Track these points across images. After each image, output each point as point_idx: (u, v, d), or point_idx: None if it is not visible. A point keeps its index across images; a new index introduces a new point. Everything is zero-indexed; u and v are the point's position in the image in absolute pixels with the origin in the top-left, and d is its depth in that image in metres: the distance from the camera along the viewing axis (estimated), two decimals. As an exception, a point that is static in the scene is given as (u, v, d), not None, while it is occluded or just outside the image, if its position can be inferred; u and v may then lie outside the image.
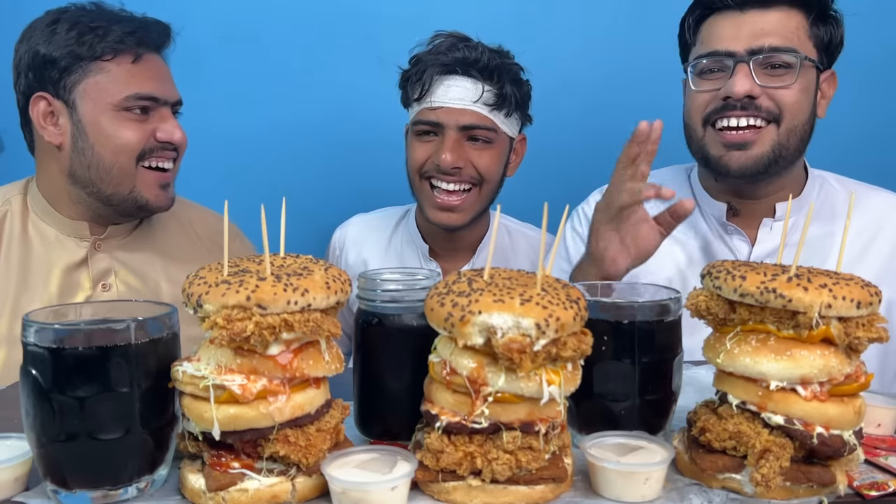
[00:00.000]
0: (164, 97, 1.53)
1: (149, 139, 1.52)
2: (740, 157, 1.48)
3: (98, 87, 1.48)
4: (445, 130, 1.67)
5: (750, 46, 1.45)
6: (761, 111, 1.46)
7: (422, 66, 1.67)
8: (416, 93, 1.68)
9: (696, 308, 0.92)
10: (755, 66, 1.46)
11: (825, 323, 0.83)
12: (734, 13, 1.48)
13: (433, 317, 0.83)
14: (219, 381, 0.80)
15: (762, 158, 1.48)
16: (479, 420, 0.82)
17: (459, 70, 1.64)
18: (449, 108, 1.65)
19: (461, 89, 1.65)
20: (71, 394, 0.79)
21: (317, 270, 0.84)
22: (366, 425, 1.02)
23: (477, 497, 0.83)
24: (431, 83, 1.65)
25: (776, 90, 1.46)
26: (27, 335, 0.81)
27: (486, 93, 1.65)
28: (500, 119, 1.69)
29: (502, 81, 1.66)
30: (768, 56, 1.45)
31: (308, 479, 0.84)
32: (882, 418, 1.03)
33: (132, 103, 1.49)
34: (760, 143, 1.48)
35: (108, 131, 1.49)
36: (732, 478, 0.87)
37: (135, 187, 1.52)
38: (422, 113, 1.69)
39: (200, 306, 0.80)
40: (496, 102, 1.66)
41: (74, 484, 0.82)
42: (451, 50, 1.65)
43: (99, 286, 1.57)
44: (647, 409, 0.98)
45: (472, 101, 1.65)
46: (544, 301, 0.80)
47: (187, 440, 0.85)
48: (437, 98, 1.66)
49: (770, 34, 1.46)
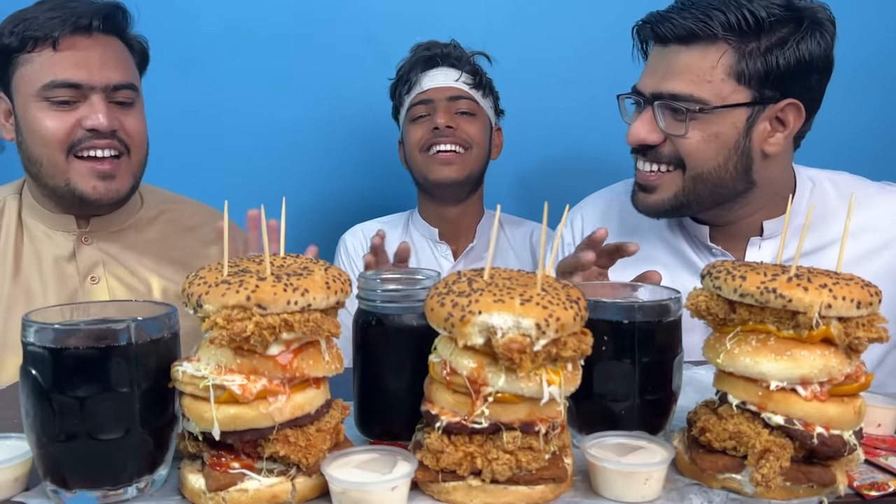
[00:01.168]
0: (87, 83, 1.46)
1: (75, 129, 1.46)
2: (645, 198, 1.46)
3: (24, 79, 1.47)
4: (436, 103, 1.90)
5: (654, 89, 1.39)
6: (662, 157, 1.41)
7: (408, 66, 1.93)
8: (407, 87, 1.93)
9: (696, 308, 0.92)
10: (661, 109, 1.38)
11: (825, 323, 0.83)
12: (659, 48, 1.41)
13: (433, 317, 0.83)
14: (219, 381, 0.80)
15: (665, 203, 1.44)
16: (479, 420, 0.82)
17: (440, 61, 1.91)
18: (436, 87, 1.90)
19: (443, 75, 1.90)
20: (71, 394, 0.79)
21: (317, 270, 0.84)
22: (366, 425, 1.02)
23: (477, 497, 0.83)
24: (418, 76, 1.92)
25: (677, 138, 1.38)
26: (27, 335, 0.81)
27: (464, 75, 1.91)
28: (479, 97, 1.93)
29: (475, 68, 1.94)
30: (667, 103, 1.37)
31: (308, 480, 0.84)
32: (882, 418, 1.03)
33: (50, 92, 1.45)
34: (663, 189, 1.43)
35: (33, 123, 1.47)
36: (732, 478, 0.87)
37: (69, 180, 1.48)
38: (414, 98, 1.92)
39: (200, 306, 0.80)
40: (474, 82, 1.92)
41: (74, 484, 0.82)
42: (429, 47, 1.92)
43: (88, 279, 1.57)
44: (647, 409, 0.98)
45: (455, 81, 1.91)
46: (544, 301, 0.80)
47: (187, 440, 0.85)
48: (425, 84, 1.91)
49: (676, 77, 1.36)
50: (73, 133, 1.46)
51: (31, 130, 1.47)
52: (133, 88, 1.54)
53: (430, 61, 1.91)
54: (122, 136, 1.50)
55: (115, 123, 1.48)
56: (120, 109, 1.52)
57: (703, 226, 1.53)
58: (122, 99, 1.51)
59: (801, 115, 1.39)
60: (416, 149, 1.91)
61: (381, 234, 1.40)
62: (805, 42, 1.34)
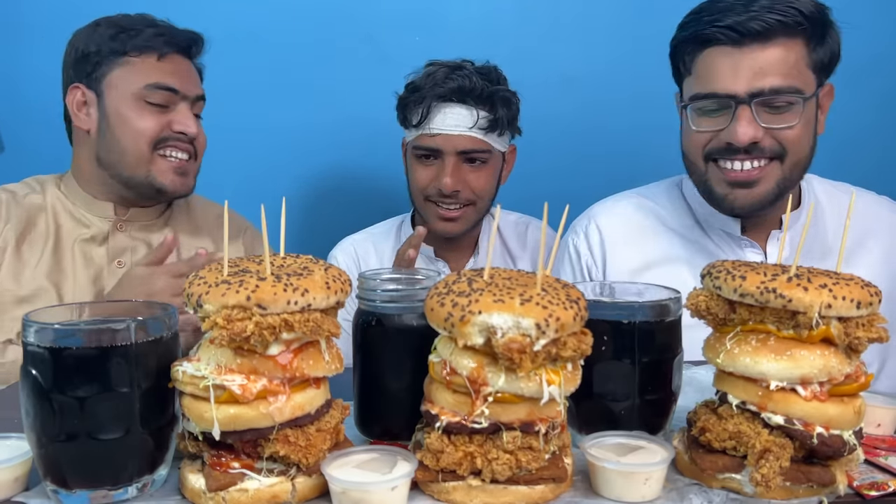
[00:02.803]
0: (182, 90, 1.66)
1: (165, 129, 1.64)
2: (746, 195, 1.46)
3: (122, 78, 1.64)
4: (444, 156, 1.80)
5: (751, 88, 1.39)
6: (765, 152, 1.43)
7: (420, 95, 1.78)
8: (415, 119, 1.80)
9: (696, 308, 0.92)
10: (756, 106, 1.40)
11: (825, 323, 0.83)
12: (731, 48, 1.41)
13: (433, 317, 0.83)
14: (219, 381, 0.80)
15: (768, 195, 1.46)
16: (479, 420, 0.82)
17: (455, 98, 1.76)
18: (447, 134, 1.77)
19: (457, 116, 1.77)
20: (71, 394, 0.79)
21: (317, 270, 0.84)
22: (366, 425, 1.02)
23: (477, 497, 0.83)
24: (429, 111, 1.77)
25: (779, 131, 1.42)
26: (27, 335, 0.81)
27: (480, 118, 1.77)
28: (493, 139, 1.81)
29: (495, 106, 1.78)
30: (770, 99, 1.40)
31: (308, 479, 0.84)
32: (882, 418, 1.03)
33: (152, 93, 1.63)
34: (766, 181, 1.45)
35: (128, 118, 1.63)
36: (732, 478, 0.87)
37: (150, 172, 1.65)
38: (421, 139, 1.81)
39: (200, 306, 0.80)
40: (489, 125, 1.78)
41: (74, 484, 0.82)
42: (446, 80, 1.76)
43: (115, 263, 1.69)
44: (647, 409, 0.98)
45: (468, 128, 1.77)
46: (544, 301, 0.80)
47: (187, 440, 0.85)
48: (436, 125, 1.78)
49: (770, 73, 1.39)
50: (162, 132, 1.64)
51: (123, 124, 1.64)
52: (204, 100, 1.75)
53: (445, 96, 1.76)
54: (195, 144, 1.71)
55: (197, 132, 1.69)
56: (196, 120, 1.72)
57: (736, 219, 1.57)
58: (197, 111, 1.73)
59: (833, 95, 1.50)
60: (419, 192, 1.85)
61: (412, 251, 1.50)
62: (836, 32, 1.45)
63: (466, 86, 1.74)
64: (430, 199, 1.84)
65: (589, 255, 1.70)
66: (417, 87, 1.79)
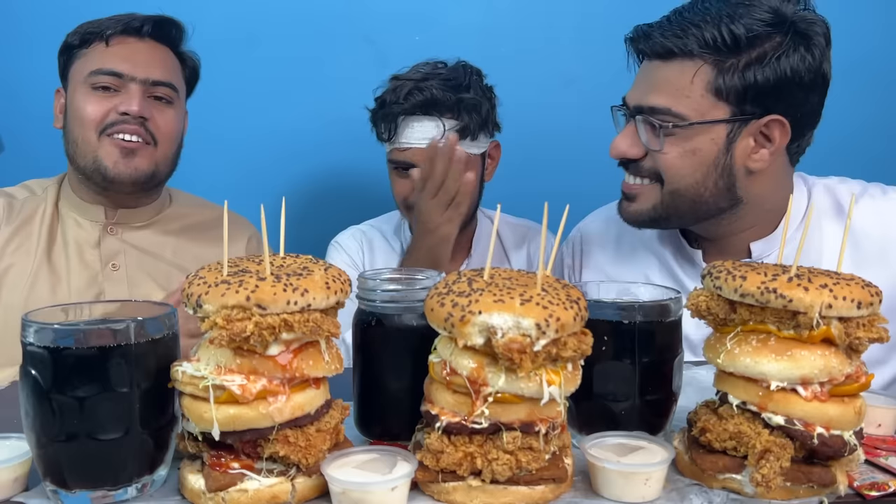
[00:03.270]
0: (129, 73, 1.61)
1: (109, 113, 1.60)
2: (627, 206, 1.46)
3: (76, 70, 1.65)
4: (419, 168, 1.75)
5: (637, 102, 1.38)
6: (642, 171, 1.41)
7: (386, 111, 1.78)
8: (385, 134, 1.80)
9: (697, 308, 0.92)
10: (642, 123, 1.37)
11: (826, 323, 0.83)
12: (645, 61, 1.41)
13: (433, 317, 0.83)
14: (218, 382, 0.80)
15: (643, 213, 1.43)
16: (479, 420, 0.82)
17: (420, 111, 1.75)
18: (416, 147, 1.77)
19: (424, 129, 1.76)
20: (71, 394, 0.79)
21: (317, 270, 0.84)
22: (366, 425, 1.02)
23: (477, 497, 0.83)
24: (397, 126, 1.77)
25: (654, 152, 1.38)
26: (27, 335, 0.81)
27: (447, 129, 1.74)
28: (465, 146, 1.77)
29: (460, 113, 1.76)
30: (649, 116, 1.36)
31: (308, 480, 0.84)
32: (882, 418, 1.03)
33: (95, 79, 1.61)
34: (643, 199, 1.43)
35: (77, 106, 1.62)
36: (733, 478, 0.87)
37: (97, 157, 1.61)
38: (393, 153, 1.81)
39: (200, 306, 0.80)
40: (461, 132, 1.75)
41: (74, 484, 0.81)
42: (409, 95, 1.74)
43: (109, 266, 1.68)
44: (648, 409, 0.98)
45: (437, 139, 1.73)
46: (544, 301, 0.80)
47: (187, 440, 0.85)
48: (404, 139, 1.78)
49: (657, 91, 1.35)
50: (107, 116, 1.60)
51: (74, 112, 1.63)
52: (172, 88, 1.68)
53: (410, 110, 1.75)
54: (150, 127, 1.63)
55: (145, 112, 1.61)
56: (156, 104, 1.65)
57: (696, 250, 1.53)
58: (160, 94, 1.65)
59: (787, 131, 1.34)
60: (401, 202, 1.85)
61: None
62: (787, 58, 1.30)
63: (430, 98, 1.73)
64: (411, 208, 1.81)
65: (571, 266, 1.73)
66: (384, 102, 1.79)
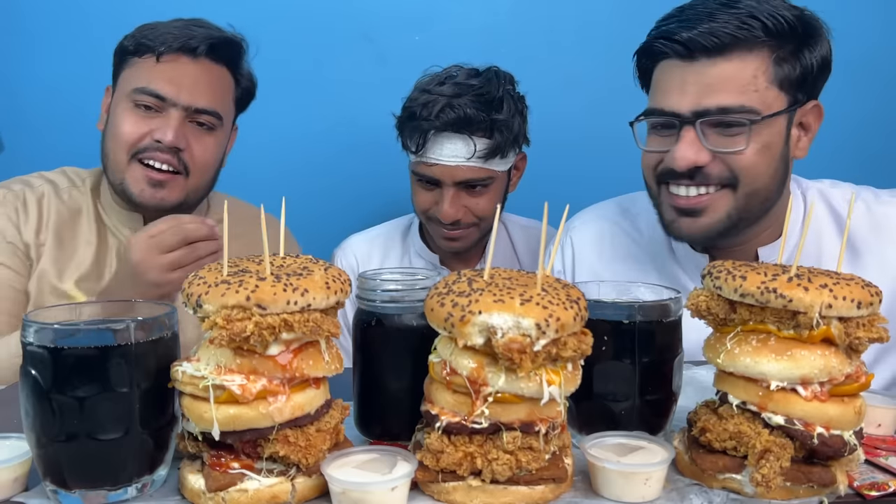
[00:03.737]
0: (172, 97, 1.53)
1: (145, 137, 1.53)
2: (691, 224, 1.33)
3: (125, 79, 1.58)
4: (443, 188, 1.75)
5: (695, 107, 1.27)
6: (711, 179, 1.30)
7: (416, 124, 1.71)
8: (413, 146, 1.74)
9: (697, 308, 0.92)
10: (704, 127, 1.27)
11: (826, 323, 0.83)
12: (681, 62, 1.29)
13: (433, 317, 0.83)
14: (218, 382, 0.80)
15: (715, 226, 1.33)
16: (479, 420, 0.82)
17: (452, 129, 1.69)
18: (444, 165, 1.71)
19: (454, 147, 1.70)
20: (71, 394, 0.79)
21: (316, 270, 0.84)
22: (366, 425, 1.02)
23: (477, 497, 0.83)
24: (426, 141, 1.71)
25: (728, 155, 1.28)
26: (27, 335, 0.81)
27: (478, 149, 1.70)
28: (494, 164, 1.74)
29: (493, 133, 1.70)
30: (717, 118, 1.27)
31: (308, 480, 0.84)
32: (882, 418, 1.03)
33: (138, 96, 1.53)
34: (713, 210, 1.32)
35: (115, 120, 1.56)
36: (733, 478, 0.87)
37: (124, 179, 1.55)
38: (420, 166, 1.76)
39: (200, 306, 0.80)
40: (488, 153, 1.71)
41: (74, 484, 0.81)
42: (442, 112, 1.67)
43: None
44: (648, 409, 0.98)
45: (466, 158, 1.70)
46: (544, 301, 0.79)
47: (187, 440, 0.85)
48: (433, 155, 1.72)
49: (719, 90, 1.26)
50: (142, 140, 1.54)
51: (111, 125, 1.57)
52: (217, 116, 1.60)
53: (442, 128, 1.68)
54: (184, 158, 1.56)
55: (181, 142, 1.54)
56: (196, 130, 1.58)
57: (702, 255, 1.47)
58: (202, 121, 1.58)
59: (822, 116, 1.36)
60: (421, 212, 1.83)
61: None
62: (822, 43, 1.31)
63: (463, 117, 1.67)
64: (432, 219, 1.82)
65: (562, 270, 1.67)
66: (413, 114, 1.72)
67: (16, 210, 1.57)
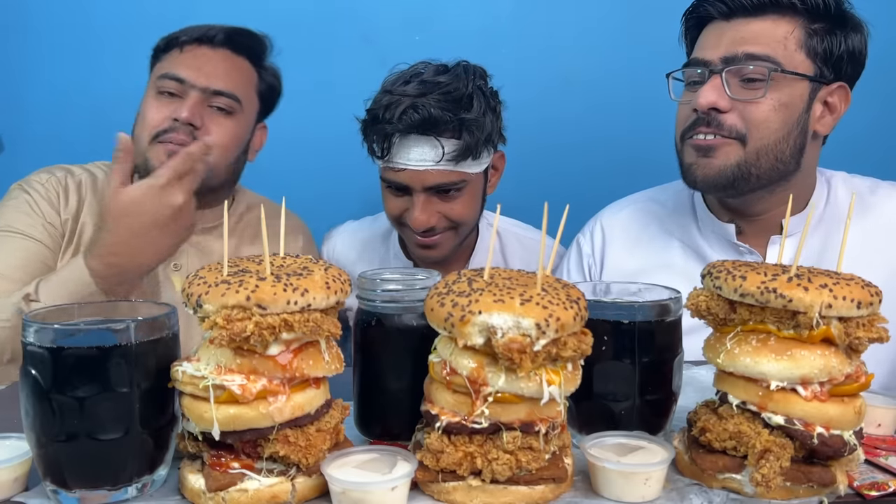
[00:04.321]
0: (190, 80, 1.60)
1: (165, 120, 1.59)
2: (706, 164, 1.42)
3: (154, 74, 1.67)
4: (414, 195, 1.64)
5: (724, 54, 1.38)
6: (724, 128, 1.39)
7: (379, 127, 1.61)
8: (378, 151, 1.64)
9: (697, 308, 0.92)
10: (729, 76, 1.37)
11: (825, 323, 0.83)
12: (721, 23, 1.42)
13: (433, 317, 0.83)
14: (218, 382, 0.80)
15: (725, 170, 1.40)
16: (479, 420, 0.82)
17: (418, 131, 1.58)
18: (413, 170, 1.61)
19: (421, 151, 1.59)
20: (71, 394, 0.79)
21: (317, 270, 0.84)
22: (366, 425, 1.02)
23: (477, 497, 0.83)
24: (391, 145, 1.60)
25: (746, 104, 1.37)
26: (27, 335, 0.81)
27: (447, 151, 1.59)
28: (466, 166, 1.63)
29: (461, 133, 1.59)
30: (742, 66, 1.36)
31: (308, 480, 0.84)
32: (882, 418, 1.03)
33: (161, 83, 1.61)
34: (724, 156, 1.40)
35: (142, 109, 1.64)
36: (733, 478, 0.87)
37: (147, 159, 1.59)
38: (387, 172, 1.66)
39: (200, 306, 0.80)
40: (458, 155, 1.59)
41: (74, 484, 0.81)
42: (405, 114, 1.56)
43: (171, 265, 1.67)
44: (648, 409, 0.98)
45: (435, 162, 1.59)
46: (544, 301, 0.80)
47: (187, 440, 0.85)
48: (399, 159, 1.61)
49: (751, 42, 1.37)
50: (163, 122, 1.59)
51: (140, 114, 1.64)
52: (235, 99, 1.65)
53: (406, 131, 1.58)
54: (200, 137, 1.58)
55: (196, 120, 1.59)
56: (214, 114, 1.63)
57: (729, 224, 1.54)
58: (220, 104, 1.63)
59: (849, 100, 1.44)
60: (394, 220, 1.73)
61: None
62: (855, 35, 1.42)
63: (428, 118, 1.55)
64: (405, 226, 1.71)
65: (591, 255, 1.71)
66: (377, 117, 1.61)
67: (57, 195, 1.64)
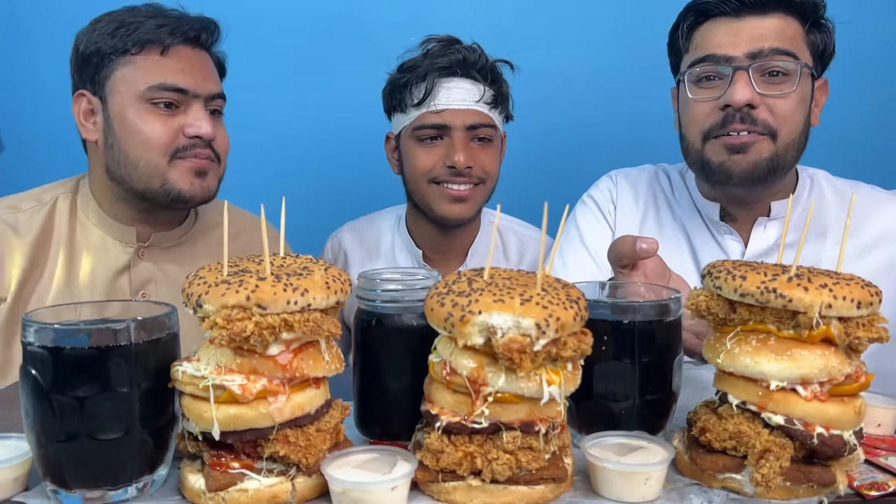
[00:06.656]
0: (192, 89, 1.49)
1: (178, 135, 1.48)
2: (742, 160, 1.44)
3: (125, 79, 1.47)
4: (453, 132, 1.71)
5: (749, 50, 1.41)
6: (757, 125, 1.43)
7: (421, 71, 1.68)
8: (418, 97, 1.69)
9: (697, 308, 0.92)
10: (754, 72, 1.41)
11: (825, 323, 0.83)
12: (730, 19, 1.45)
13: (433, 317, 0.83)
14: (219, 381, 0.80)
15: (760, 165, 1.45)
16: (479, 420, 0.82)
17: (459, 72, 1.68)
18: (455, 109, 1.69)
19: (463, 91, 1.69)
20: (71, 394, 0.79)
21: (317, 270, 0.84)
22: (366, 425, 1.02)
23: (477, 497, 0.83)
24: (433, 87, 1.68)
25: (775, 99, 1.42)
26: (27, 335, 0.81)
27: (486, 92, 1.70)
28: (496, 115, 1.75)
29: (498, 81, 1.73)
30: (768, 61, 1.41)
31: (308, 480, 0.84)
32: (882, 418, 1.03)
33: (156, 94, 1.46)
34: (759, 150, 1.44)
35: (133, 125, 1.47)
36: (732, 478, 0.87)
37: (166, 181, 1.48)
38: (425, 117, 1.71)
39: (200, 306, 0.80)
40: (493, 100, 1.72)
41: (74, 484, 0.82)
42: (447, 52, 1.68)
43: (139, 294, 1.57)
44: (647, 409, 0.98)
45: (475, 101, 1.70)
46: (544, 301, 0.80)
47: (187, 440, 0.85)
48: (441, 101, 1.69)
49: (770, 38, 1.42)
50: (176, 139, 1.48)
51: (130, 132, 1.47)
52: (224, 98, 1.59)
53: (449, 70, 1.67)
54: (215, 146, 1.54)
55: (214, 132, 1.52)
56: (215, 119, 1.56)
57: (713, 203, 1.58)
58: (216, 108, 1.56)
59: (827, 92, 1.52)
60: (423, 177, 1.74)
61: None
62: (832, 30, 1.49)
63: (470, 58, 1.67)
64: (437, 181, 1.73)
65: (608, 201, 1.73)
66: (415, 64, 1.69)
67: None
